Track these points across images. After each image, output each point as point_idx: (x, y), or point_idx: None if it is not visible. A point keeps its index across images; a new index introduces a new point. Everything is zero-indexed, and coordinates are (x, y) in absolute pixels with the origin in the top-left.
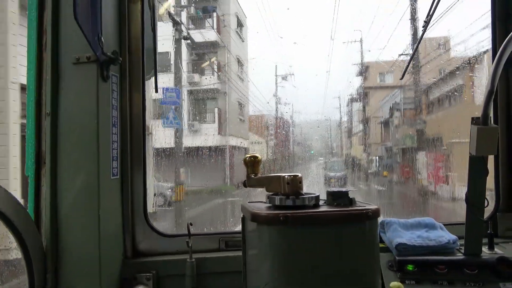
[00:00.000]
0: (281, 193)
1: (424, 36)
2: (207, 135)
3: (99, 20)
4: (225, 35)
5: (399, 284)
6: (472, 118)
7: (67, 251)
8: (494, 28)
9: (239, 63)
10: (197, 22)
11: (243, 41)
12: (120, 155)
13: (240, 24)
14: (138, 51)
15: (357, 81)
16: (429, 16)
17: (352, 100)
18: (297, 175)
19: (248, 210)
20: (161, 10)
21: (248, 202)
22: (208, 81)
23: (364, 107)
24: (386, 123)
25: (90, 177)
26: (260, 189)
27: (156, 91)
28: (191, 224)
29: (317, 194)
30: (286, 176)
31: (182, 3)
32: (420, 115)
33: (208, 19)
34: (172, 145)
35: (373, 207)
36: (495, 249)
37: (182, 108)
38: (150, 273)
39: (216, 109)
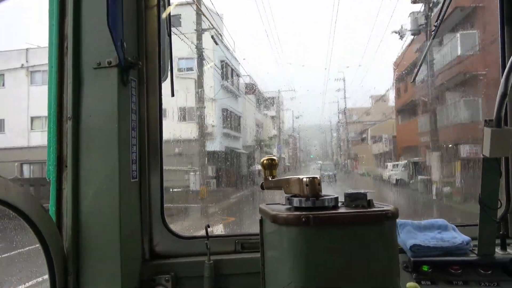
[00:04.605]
0: (300, 195)
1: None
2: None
3: (120, 25)
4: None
5: (415, 284)
6: (485, 121)
7: (88, 253)
8: (502, 32)
9: (282, 120)
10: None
11: (283, 110)
12: (138, 158)
13: (282, 104)
14: (155, 56)
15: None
16: (440, 21)
17: (338, 126)
18: (316, 177)
19: (268, 212)
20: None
21: (266, 204)
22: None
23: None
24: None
25: (111, 180)
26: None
27: (173, 95)
28: (208, 227)
29: (336, 195)
30: (305, 178)
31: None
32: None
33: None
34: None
35: (392, 208)
36: (508, 250)
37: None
38: (169, 275)
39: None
